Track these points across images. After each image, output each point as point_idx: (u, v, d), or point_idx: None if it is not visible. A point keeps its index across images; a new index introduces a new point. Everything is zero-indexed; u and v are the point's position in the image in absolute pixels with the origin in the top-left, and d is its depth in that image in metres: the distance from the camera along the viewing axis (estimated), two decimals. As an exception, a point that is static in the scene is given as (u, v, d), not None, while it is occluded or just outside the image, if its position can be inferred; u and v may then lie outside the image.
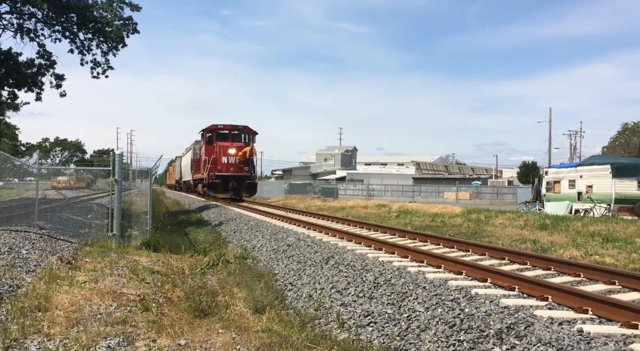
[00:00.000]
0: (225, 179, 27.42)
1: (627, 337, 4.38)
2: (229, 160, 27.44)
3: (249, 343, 5.34)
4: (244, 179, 27.93)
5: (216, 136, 28.69)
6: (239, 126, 29.28)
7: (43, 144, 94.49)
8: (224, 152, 27.48)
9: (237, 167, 27.61)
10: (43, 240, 10.37)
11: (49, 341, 4.97)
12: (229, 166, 27.47)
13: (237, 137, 29.04)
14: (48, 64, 21.03)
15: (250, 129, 29.31)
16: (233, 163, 27.50)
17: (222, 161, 27.36)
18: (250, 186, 28.64)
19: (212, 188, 27.78)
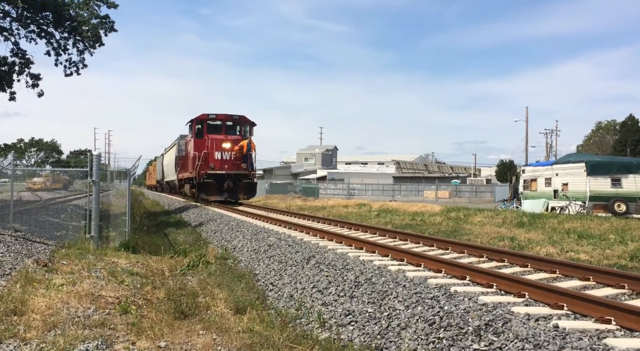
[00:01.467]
0: (219, 178, 23.69)
1: (600, 332, 4.48)
2: (223, 156, 23.68)
3: (229, 343, 5.32)
4: (241, 178, 24.12)
5: (207, 127, 24.61)
6: (234, 116, 25.14)
7: (18, 144, 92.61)
8: (217, 146, 23.65)
9: (232, 165, 23.76)
10: (18, 243, 10.18)
11: (25, 346, 4.89)
12: (223, 163, 23.65)
13: (231, 129, 25.15)
14: (23, 63, 20.62)
15: (247, 119, 25.28)
16: (228, 160, 23.70)
17: (214, 157, 23.58)
18: (249, 186, 24.77)
19: (203, 189, 23.92)
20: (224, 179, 23.77)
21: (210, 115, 24.83)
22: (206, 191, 23.88)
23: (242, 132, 25.14)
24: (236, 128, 25.31)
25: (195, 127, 24.99)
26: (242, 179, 24.16)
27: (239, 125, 25.28)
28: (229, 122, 25.09)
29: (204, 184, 23.72)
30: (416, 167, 74.48)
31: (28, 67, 20.69)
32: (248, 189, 24.77)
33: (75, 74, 21.43)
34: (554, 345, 4.15)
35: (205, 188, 23.81)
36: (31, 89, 21.05)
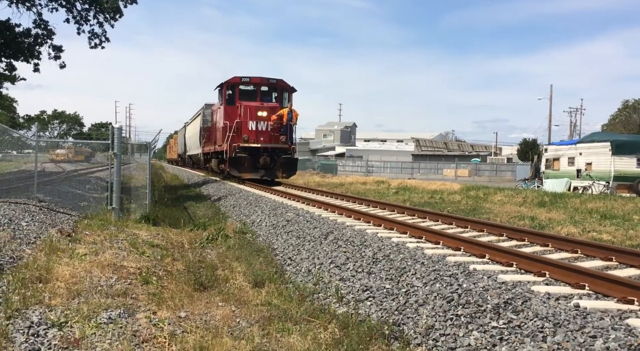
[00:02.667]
0: (254, 153, 20.26)
1: (622, 312, 4.42)
2: (259, 126, 20.37)
3: (248, 316, 5.39)
4: (280, 152, 20.61)
5: (240, 93, 21.40)
6: (271, 80, 21.70)
7: (41, 116, 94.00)
8: (252, 115, 20.32)
9: (269, 137, 20.49)
10: (42, 213, 10.39)
11: (50, 312, 5.01)
12: (258, 134, 20.33)
13: (268, 95, 22.03)
14: (45, 34, 20.76)
15: (286, 83, 21.82)
16: (264, 131, 20.45)
17: (248, 127, 20.26)
18: (289, 162, 21.06)
19: (235, 164, 20.45)
20: (260, 154, 20.31)
21: (244, 78, 21.44)
22: (238, 168, 20.49)
23: (280, 99, 21.83)
24: (273, 94, 22.15)
25: (226, 92, 21.49)
26: (281, 154, 20.67)
27: (276, 90, 21.97)
28: (264, 87, 21.80)
29: (236, 160, 20.31)
30: (436, 145, 73.86)
31: (50, 38, 20.83)
32: (288, 166, 21.11)
33: (99, 47, 21.53)
34: (574, 324, 4.11)
35: (237, 163, 20.44)
36: (53, 60, 21.24)
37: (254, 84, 21.66)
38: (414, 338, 4.80)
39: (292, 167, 21.38)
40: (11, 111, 62.67)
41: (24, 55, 20.30)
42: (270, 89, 22.03)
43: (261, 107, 20.59)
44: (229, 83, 21.52)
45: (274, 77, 21.78)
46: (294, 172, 21.72)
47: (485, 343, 4.28)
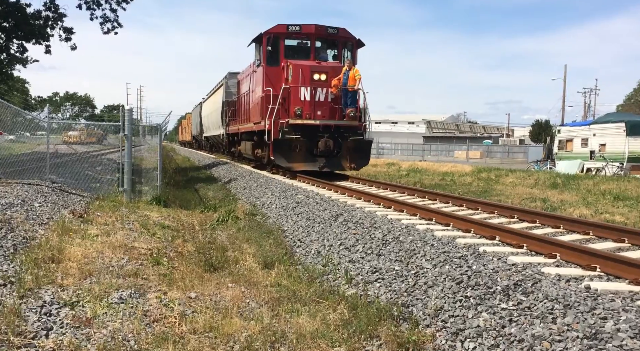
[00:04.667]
0: (311, 133, 14.39)
1: (634, 294, 4.38)
2: (317, 96, 14.45)
3: (258, 297, 5.43)
4: (348, 132, 14.69)
5: (286, 49, 15.43)
6: (330, 29, 15.62)
7: (53, 98, 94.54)
8: (306, 79, 14.42)
9: (331, 110, 14.61)
10: (55, 194, 10.49)
11: (62, 292, 5.09)
12: (316, 107, 14.47)
13: (324, 52, 15.94)
14: (56, 17, 20.77)
15: (350, 35, 15.81)
16: (324, 102, 14.52)
17: (301, 96, 14.41)
18: (361, 147, 14.98)
19: (283, 150, 14.41)
20: (319, 135, 14.36)
21: (291, 27, 15.38)
22: (288, 155, 14.35)
23: (341, 56, 15.77)
24: (331, 51, 16.19)
25: (265, 48, 15.34)
26: (348, 135, 14.63)
27: (336, 45, 15.92)
28: (321, 39, 15.63)
29: (284, 144, 14.21)
30: (447, 127, 73.34)
31: (61, 20, 20.83)
32: (359, 152, 14.87)
33: (112, 32, 21.52)
34: (584, 306, 4.08)
35: (285, 149, 14.30)
36: (64, 42, 21.27)
37: (307, 36, 15.49)
38: (423, 319, 4.80)
39: (365, 154, 15.16)
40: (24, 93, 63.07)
41: (35, 37, 20.34)
42: (328, 42, 15.92)
43: (319, 67, 14.59)
44: (270, 34, 15.22)
45: (333, 26, 15.69)
46: (366, 161, 15.29)
47: (494, 325, 4.27)
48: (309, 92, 14.56)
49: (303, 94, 14.53)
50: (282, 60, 15.34)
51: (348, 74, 14.50)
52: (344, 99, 14.76)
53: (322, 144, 14.34)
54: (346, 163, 14.80)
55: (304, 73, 14.53)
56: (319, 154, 14.55)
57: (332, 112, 14.77)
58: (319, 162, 14.52)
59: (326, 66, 15.09)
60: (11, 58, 21.37)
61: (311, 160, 14.53)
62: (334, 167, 14.85)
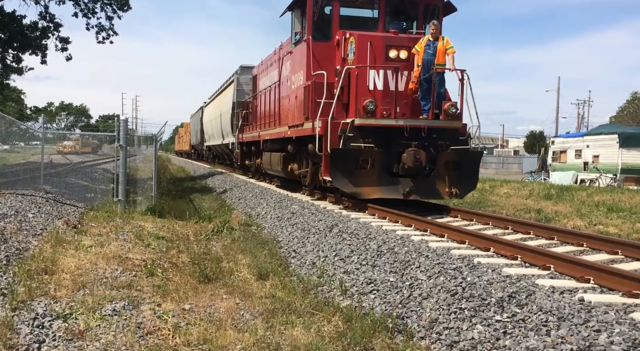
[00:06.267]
0: (389, 139, 9.76)
1: (627, 306, 4.40)
2: (394, 83, 9.86)
3: (252, 308, 5.41)
4: (447, 138, 10.02)
5: (341, 19, 10.87)
6: None
7: (48, 108, 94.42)
8: (377, 56, 9.87)
9: (415, 105, 10.11)
10: (49, 204, 10.45)
11: (55, 304, 5.05)
12: (395, 98, 9.82)
13: (397, 18, 11.13)
14: (52, 27, 20.81)
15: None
16: (405, 92, 9.99)
17: (369, 83, 9.82)
18: (465, 161, 10.03)
19: (343, 165, 9.45)
20: (402, 142, 9.66)
21: None
22: (351, 174, 9.50)
23: (422, 23, 10.84)
24: (407, 21, 11.23)
25: (311, 15, 10.69)
26: (448, 143, 9.99)
27: (415, 10, 11.03)
28: (392, 4, 10.98)
29: (346, 156, 9.52)
30: (442, 137, 73.50)
31: (57, 30, 20.88)
32: (463, 170, 10.00)
33: (107, 41, 21.56)
34: (578, 318, 4.09)
35: (347, 164, 9.50)
36: (60, 52, 21.30)
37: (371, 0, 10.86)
38: (418, 331, 4.80)
39: (472, 172, 10.16)
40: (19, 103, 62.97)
41: (31, 48, 20.37)
42: (402, 9, 11.11)
43: (397, 40, 9.98)
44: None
45: None
46: (474, 184, 10.41)
47: (488, 337, 4.27)
48: (382, 77, 9.74)
49: (374, 80, 9.73)
50: (335, 32, 10.64)
51: (435, 46, 9.63)
52: (429, 86, 9.75)
53: (408, 158, 9.38)
54: (444, 188, 9.75)
55: (376, 48, 9.71)
56: (402, 174, 9.57)
57: (417, 107, 9.98)
58: (402, 186, 9.52)
59: (407, 38, 10.16)
60: (6, 68, 21.38)
61: (390, 182, 9.55)
62: (426, 194, 9.77)
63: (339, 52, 10.67)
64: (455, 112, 9.92)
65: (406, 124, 9.71)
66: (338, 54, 10.70)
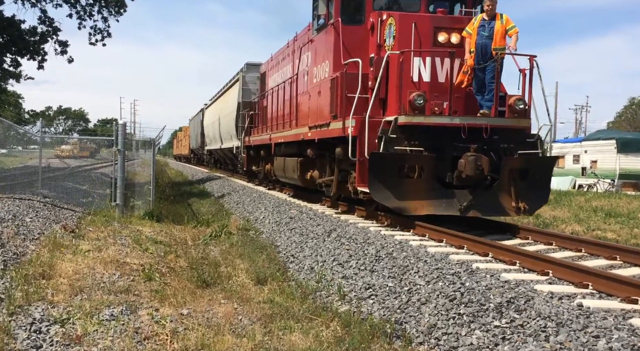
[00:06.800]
0: (440, 141, 8.02)
1: (626, 312, 4.40)
2: (443, 74, 8.34)
3: (250, 313, 5.39)
4: (512, 141, 8.24)
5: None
6: None
7: (46, 112, 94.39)
8: (424, 39, 8.29)
9: (469, 100, 8.52)
10: (47, 208, 10.42)
11: (52, 309, 5.03)
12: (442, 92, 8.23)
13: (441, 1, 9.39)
14: (51, 31, 20.82)
15: None
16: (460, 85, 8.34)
17: (414, 74, 8.23)
18: (534, 169, 8.25)
19: (383, 174, 7.73)
20: (457, 146, 7.98)
21: None
22: (394, 184, 7.83)
23: (471, 2, 9.50)
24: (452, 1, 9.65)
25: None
26: (513, 145, 8.28)
27: None
28: None
29: (388, 163, 7.84)
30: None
31: (56, 34, 20.90)
32: (532, 180, 8.29)
33: (100, 43, 21.55)
34: (577, 324, 4.09)
35: (389, 172, 7.80)
36: (60, 55, 21.31)
37: None
38: (416, 336, 4.79)
39: (543, 183, 8.54)
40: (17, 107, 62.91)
41: (29, 52, 20.37)
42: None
43: (446, 21, 8.64)
44: None
45: None
46: (545, 197, 8.68)
47: (487, 342, 4.26)
48: (428, 66, 8.25)
49: (418, 70, 8.24)
50: (369, 14, 9.20)
51: (491, 27, 8.10)
52: (485, 77, 8.24)
53: (467, 165, 7.68)
54: (509, 202, 8.09)
55: (421, 31, 8.26)
56: (458, 184, 8.00)
57: (470, 102, 8.51)
58: (458, 200, 7.92)
59: (459, 18, 8.86)
60: (4, 73, 21.37)
61: (442, 195, 7.95)
62: (488, 210, 8.15)
63: (373, 37, 9.09)
64: (524, 108, 8.28)
65: (464, 122, 7.95)
66: (372, 39, 9.11)
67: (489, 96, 8.34)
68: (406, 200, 7.89)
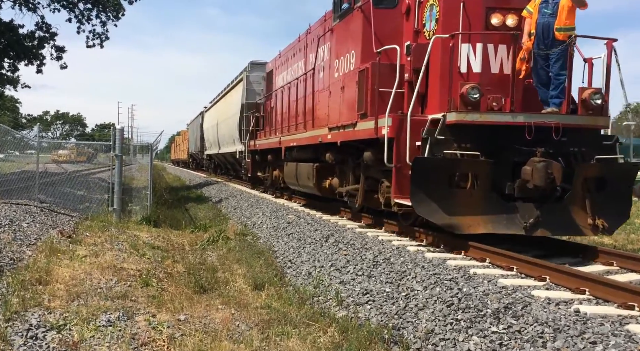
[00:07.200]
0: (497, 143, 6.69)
1: (623, 318, 4.41)
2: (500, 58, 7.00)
3: (248, 319, 5.39)
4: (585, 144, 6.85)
5: None
6: None
7: (44, 117, 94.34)
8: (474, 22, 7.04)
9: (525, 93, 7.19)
10: (44, 214, 10.40)
11: (49, 314, 5.02)
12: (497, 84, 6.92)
13: None
14: (48, 36, 20.86)
15: None
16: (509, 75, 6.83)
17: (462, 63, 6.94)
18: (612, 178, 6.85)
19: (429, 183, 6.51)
20: (519, 149, 6.61)
21: None
22: (441, 196, 6.58)
23: None
24: None
25: None
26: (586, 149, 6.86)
27: None
28: None
29: (434, 170, 6.58)
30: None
31: (53, 39, 20.93)
32: (611, 193, 6.87)
33: (98, 46, 21.61)
34: (574, 330, 4.09)
35: (436, 181, 6.56)
36: (55, 61, 21.34)
37: None
38: (414, 342, 4.79)
39: (623, 195, 7.06)
40: (14, 112, 62.88)
41: (27, 57, 20.40)
42: None
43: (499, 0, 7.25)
44: None
45: None
46: (626, 214, 7.16)
47: (485, 348, 4.27)
48: (479, 54, 7.01)
49: (467, 58, 7.00)
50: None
51: (556, 3, 6.72)
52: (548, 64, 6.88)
53: (536, 173, 6.31)
54: (584, 218, 6.79)
55: (471, 12, 7.08)
56: (521, 196, 6.66)
57: (530, 96, 7.22)
58: (521, 216, 6.61)
59: None
60: (1, 78, 21.37)
61: (502, 209, 6.66)
62: (559, 228, 6.86)
63: (409, 22, 8.02)
64: (600, 103, 6.87)
65: (530, 121, 6.52)
66: (408, 25, 8.06)
67: (556, 91, 6.86)
68: (458, 215, 6.60)
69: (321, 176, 10.40)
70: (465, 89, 6.64)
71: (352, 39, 8.78)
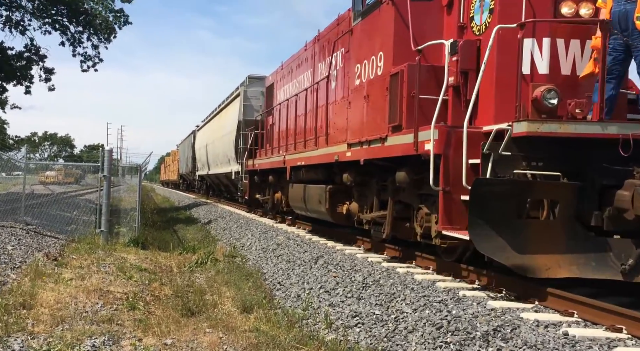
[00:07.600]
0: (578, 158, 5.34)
1: (611, 341, 4.41)
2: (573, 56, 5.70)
3: (236, 343, 5.32)
4: None
5: None
6: None
7: (32, 138, 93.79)
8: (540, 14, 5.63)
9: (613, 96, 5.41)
10: (29, 236, 10.28)
11: (32, 340, 4.93)
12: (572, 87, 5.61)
13: None
14: (37, 59, 20.90)
15: None
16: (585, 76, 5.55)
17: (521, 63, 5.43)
18: None
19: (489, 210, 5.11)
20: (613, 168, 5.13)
21: None
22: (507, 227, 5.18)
23: None
24: None
25: None
26: None
27: None
28: None
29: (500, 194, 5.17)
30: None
31: (42, 61, 20.97)
32: None
33: (92, 69, 21.69)
34: (563, 353, 4.09)
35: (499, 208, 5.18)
36: (44, 82, 21.35)
37: None
38: (403, 366, 4.74)
39: None
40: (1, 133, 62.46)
41: (16, 78, 20.38)
42: None
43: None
44: None
45: None
46: None
47: (474, 372, 4.24)
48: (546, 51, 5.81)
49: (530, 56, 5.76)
50: None
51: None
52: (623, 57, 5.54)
53: (637, 199, 4.85)
54: None
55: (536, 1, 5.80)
56: (614, 229, 5.33)
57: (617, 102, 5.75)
58: (616, 255, 5.25)
59: None
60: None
61: (588, 246, 5.35)
62: None
63: (451, 16, 6.79)
64: None
65: (628, 133, 5.14)
66: (450, 20, 6.83)
67: None
68: (532, 254, 5.28)
69: (335, 200, 9.22)
70: (540, 92, 5.39)
71: (380, 38, 7.49)
